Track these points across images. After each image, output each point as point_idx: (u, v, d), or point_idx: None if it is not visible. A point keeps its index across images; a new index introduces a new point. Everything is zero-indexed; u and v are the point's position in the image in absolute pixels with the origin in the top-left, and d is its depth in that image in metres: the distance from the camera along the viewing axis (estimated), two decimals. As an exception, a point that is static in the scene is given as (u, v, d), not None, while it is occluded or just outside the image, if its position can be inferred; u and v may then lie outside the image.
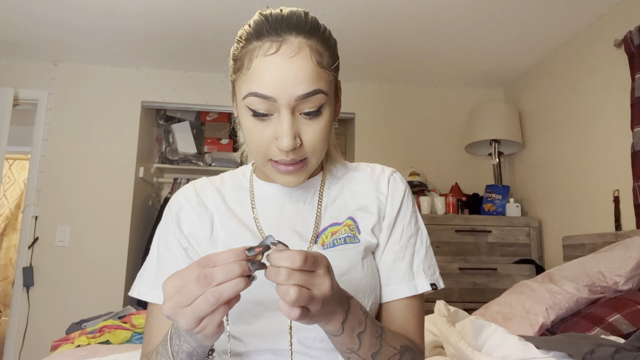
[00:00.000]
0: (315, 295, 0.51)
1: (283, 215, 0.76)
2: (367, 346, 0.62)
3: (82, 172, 2.99)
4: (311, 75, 0.63)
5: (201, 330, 0.50)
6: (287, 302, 0.49)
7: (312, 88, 0.63)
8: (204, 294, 0.48)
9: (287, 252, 0.50)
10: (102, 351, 1.37)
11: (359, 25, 2.50)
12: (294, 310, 0.50)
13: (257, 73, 0.63)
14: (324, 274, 0.53)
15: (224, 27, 2.55)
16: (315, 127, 0.66)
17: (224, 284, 0.48)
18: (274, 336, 0.68)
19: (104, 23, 2.53)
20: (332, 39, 0.70)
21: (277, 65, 0.62)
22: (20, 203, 5.37)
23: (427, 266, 0.76)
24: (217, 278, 0.48)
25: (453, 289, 2.60)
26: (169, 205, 0.79)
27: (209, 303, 0.48)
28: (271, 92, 0.63)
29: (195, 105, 3.19)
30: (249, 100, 0.65)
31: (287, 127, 0.64)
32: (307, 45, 0.64)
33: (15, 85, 2.97)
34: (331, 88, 0.68)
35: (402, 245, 0.76)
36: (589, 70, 2.42)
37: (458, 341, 1.17)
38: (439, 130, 3.28)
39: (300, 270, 0.50)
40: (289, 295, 0.49)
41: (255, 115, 0.65)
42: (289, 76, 0.62)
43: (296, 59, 0.63)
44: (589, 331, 1.45)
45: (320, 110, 0.66)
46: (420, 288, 0.74)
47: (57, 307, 2.83)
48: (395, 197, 0.78)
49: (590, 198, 2.38)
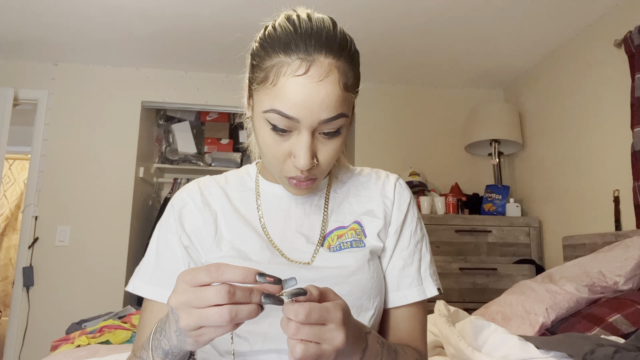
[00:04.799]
0: (325, 350, 0.50)
1: (289, 217, 0.76)
2: None
3: (82, 172, 2.99)
4: (337, 101, 0.63)
5: (197, 336, 0.49)
6: (294, 357, 0.48)
7: (336, 113, 0.63)
8: (220, 307, 0.47)
9: (293, 305, 0.49)
10: (102, 351, 1.37)
11: (359, 25, 2.50)
12: None
13: (284, 92, 0.62)
14: (336, 328, 0.51)
15: (224, 27, 2.55)
16: (332, 146, 0.67)
17: (242, 305, 0.48)
18: (279, 336, 0.68)
19: (104, 23, 2.53)
20: (357, 55, 0.69)
21: (304, 87, 0.61)
22: (20, 203, 5.37)
23: (432, 271, 0.78)
24: (237, 297, 0.48)
25: (453, 289, 2.60)
26: (172, 202, 0.78)
27: (222, 318, 0.47)
28: (295, 113, 0.62)
29: (195, 105, 3.19)
30: (270, 115, 0.64)
31: (306, 147, 0.64)
32: (336, 68, 0.63)
33: (15, 85, 2.97)
34: (351, 107, 0.68)
35: (410, 251, 0.77)
36: (589, 70, 2.42)
37: (458, 341, 1.17)
38: (439, 130, 3.28)
39: (310, 324, 0.49)
40: (295, 351, 0.48)
41: (274, 130, 0.65)
42: (316, 100, 0.61)
43: (325, 83, 0.62)
44: (589, 331, 1.45)
45: (339, 131, 0.66)
46: (428, 292, 0.75)
47: (57, 307, 2.83)
48: (401, 203, 0.79)
49: (590, 198, 2.38)
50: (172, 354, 0.56)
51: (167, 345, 0.55)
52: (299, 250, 0.73)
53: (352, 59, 0.66)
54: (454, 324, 1.30)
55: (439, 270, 2.62)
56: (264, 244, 0.73)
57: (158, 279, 0.72)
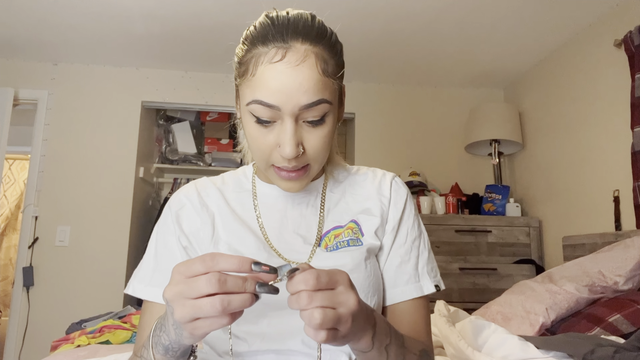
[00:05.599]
0: (342, 314, 0.49)
1: (286, 218, 0.76)
2: (393, 358, 0.61)
3: (82, 172, 2.99)
4: (316, 85, 0.62)
5: (192, 328, 0.48)
6: (313, 326, 0.47)
7: (317, 98, 0.63)
8: (212, 297, 0.46)
9: (300, 275, 0.48)
10: (102, 351, 1.37)
11: (359, 25, 2.50)
12: (320, 334, 0.48)
13: (262, 81, 0.62)
14: (346, 290, 0.51)
15: (224, 27, 2.55)
16: (318, 134, 0.66)
17: (234, 294, 0.47)
18: (277, 336, 0.68)
19: (104, 23, 2.53)
20: (339, 45, 0.70)
21: (281, 73, 0.61)
22: (20, 203, 5.37)
23: (430, 268, 0.78)
24: (229, 286, 0.47)
25: (453, 289, 2.60)
26: (169, 204, 0.78)
27: (215, 308, 0.46)
28: (275, 101, 0.62)
29: (195, 105, 3.19)
30: (252, 107, 0.64)
31: (290, 135, 0.63)
32: (313, 53, 0.63)
33: (15, 85, 2.97)
34: (335, 96, 0.67)
35: (407, 247, 0.77)
36: (589, 70, 2.42)
37: (458, 341, 1.17)
38: (439, 130, 3.28)
39: (320, 290, 0.48)
40: (313, 318, 0.47)
41: (258, 122, 0.65)
42: (293, 85, 0.61)
43: (301, 67, 0.62)
44: (589, 331, 1.45)
45: (324, 119, 0.66)
46: (425, 289, 0.75)
47: (57, 307, 2.83)
48: (398, 200, 0.78)
49: (590, 198, 2.38)
50: (172, 349, 0.55)
51: (166, 340, 0.55)
52: (296, 250, 0.73)
53: (331, 48, 0.66)
54: (454, 324, 1.30)
55: (439, 271, 2.62)
56: (261, 244, 0.73)
57: (157, 281, 0.72)
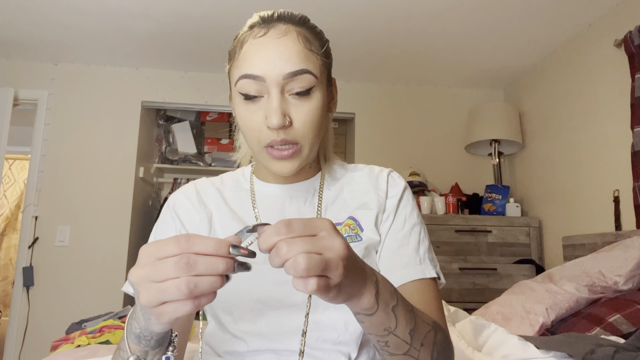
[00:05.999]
0: (330, 258, 0.44)
1: (284, 216, 0.76)
2: (403, 323, 0.54)
3: (82, 172, 2.99)
4: (298, 55, 0.65)
5: (159, 314, 0.45)
6: (299, 272, 0.42)
7: (300, 67, 0.64)
8: (178, 279, 0.42)
9: (270, 227, 0.44)
10: (102, 351, 1.36)
11: (359, 25, 2.50)
12: (310, 282, 0.43)
13: (247, 56, 0.66)
14: (330, 234, 0.46)
15: (224, 27, 2.55)
16: (305, 108, 0.66)
17: (202, 277, 0.43)
18: (276, 336, 0.68)
19: (104, 23, 2.53)
20: (324, 37, 0.72)
21: (264, 45, 0.65)
22: (20, 203, 5.37)
23: (431, 257, 0.74)
24: (198, 269, 0.43)
25: (453, 289, 2.60)
26: (169, 203, 0.79)
27: (180, 291, 0.42)
28: (259, 71, 0.64)
29: (195, 105, 3.19)
30: (240, 84, 0.66)
31: (275, 104, 0.64)
32: (295, 31, 0.67)
33: (15, 85, 2.97)
34: (321, 73, 0.68)
35: (405, 232, 0.74)
36: (589, 70, 2.42)
37: (458, 341, 1.17)
38: (439, 130, 3.28)
39: (300, 237, 0.44)
40: (297, 264, 0.42)
41: (246, 99, 0.67)
42: (276, 54, 0.64)
43: (284, 39, 0.65)
44: (589, 331, 1.45)
45: (310, 93, 0.66)
46: (427, 273, 0.71)
47: (57, 307, 2.83)
48: (394, 191, 0.78)
49: (590, 198, 2.38)
50: (144, 337, 0.52)
51: (137, 328, 0.52)
52: None
53: (315, 32, 0.70)
54: (454, 324, 1.30)
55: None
56: None
57: None
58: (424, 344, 0.57)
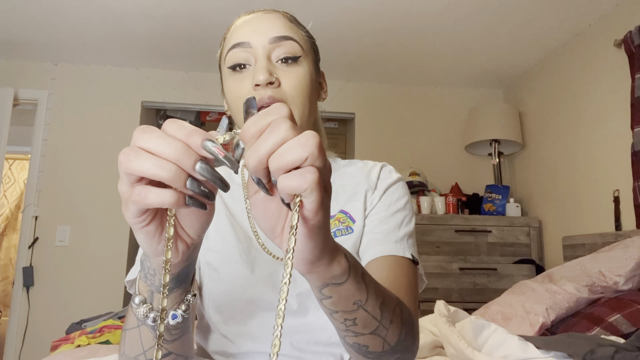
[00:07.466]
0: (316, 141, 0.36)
1: None
2: (373, 294, 0.50)
3: (82, 172, 2.99)
4: (284, 25, 0.68)
5: (125, 199, 0.40)
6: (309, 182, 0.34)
7: (285, 33, 0.67)
8: (132, 187, 0.39)
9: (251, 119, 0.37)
10: (102, 351, 1.36)
11: (358, 25, 2.50)
12: (309, 171, 0.35)
13: (234, 32, 0.69)
14: (288, 127, 0.36)
15: (224, 27, 2.54)
16: (293, 73, 0.67)
17: (156, 188, 0.38)
18: (266, 338, 0.67)
19: (104, 23, 2.53)
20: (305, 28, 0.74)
21: (250, 19, 0.69)
22: (20, 203, 5.37)
23: (412, 243, 0.70)
24: (143, 169, 0.37)
25: (453, 289, 2.59)
26: None
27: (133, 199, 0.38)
28: (245, 37, 0.67)
29: (195, 105, 3.19)
30: (229, 56, 0.68)
31: (262, 63, 0.65)
32: (280, 13, 0.71)
33: (15, 85, 2.97)
34: (307, 49, 0.71)
35: (388, 213, 0.72)
36: (589, 70, 2.42)
37: (458, 341, 1.17)
38: (439, 130, 3.28)
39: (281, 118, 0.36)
40: (305, 176, 0.34)
41: (234, 70, 0.68)
42: (262, 23, 0.68)
43: (269, 14, 0.70)
44: (589, 331, 1.45)
45: (297, 61, 0.67)
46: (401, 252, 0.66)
47: (57, 307, 2.83)
48: (385, 181, 0.77)
49: (590, 198, 2.38)
50: (148, 272, 0.47)
51: (144, 260, 0.47)
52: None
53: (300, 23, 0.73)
54: (454, 324, 1.30)
55: (439, 271, 2.62)
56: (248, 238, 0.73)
57: None
58: (393, 321, 0.52)
